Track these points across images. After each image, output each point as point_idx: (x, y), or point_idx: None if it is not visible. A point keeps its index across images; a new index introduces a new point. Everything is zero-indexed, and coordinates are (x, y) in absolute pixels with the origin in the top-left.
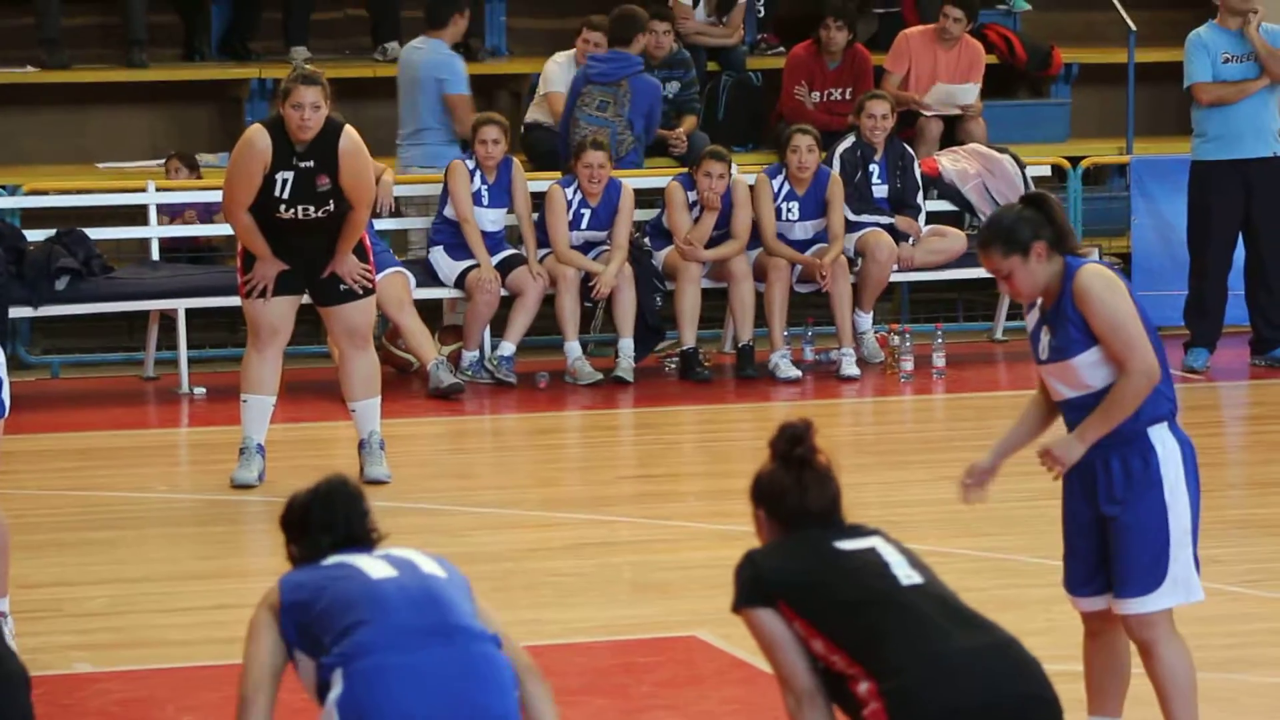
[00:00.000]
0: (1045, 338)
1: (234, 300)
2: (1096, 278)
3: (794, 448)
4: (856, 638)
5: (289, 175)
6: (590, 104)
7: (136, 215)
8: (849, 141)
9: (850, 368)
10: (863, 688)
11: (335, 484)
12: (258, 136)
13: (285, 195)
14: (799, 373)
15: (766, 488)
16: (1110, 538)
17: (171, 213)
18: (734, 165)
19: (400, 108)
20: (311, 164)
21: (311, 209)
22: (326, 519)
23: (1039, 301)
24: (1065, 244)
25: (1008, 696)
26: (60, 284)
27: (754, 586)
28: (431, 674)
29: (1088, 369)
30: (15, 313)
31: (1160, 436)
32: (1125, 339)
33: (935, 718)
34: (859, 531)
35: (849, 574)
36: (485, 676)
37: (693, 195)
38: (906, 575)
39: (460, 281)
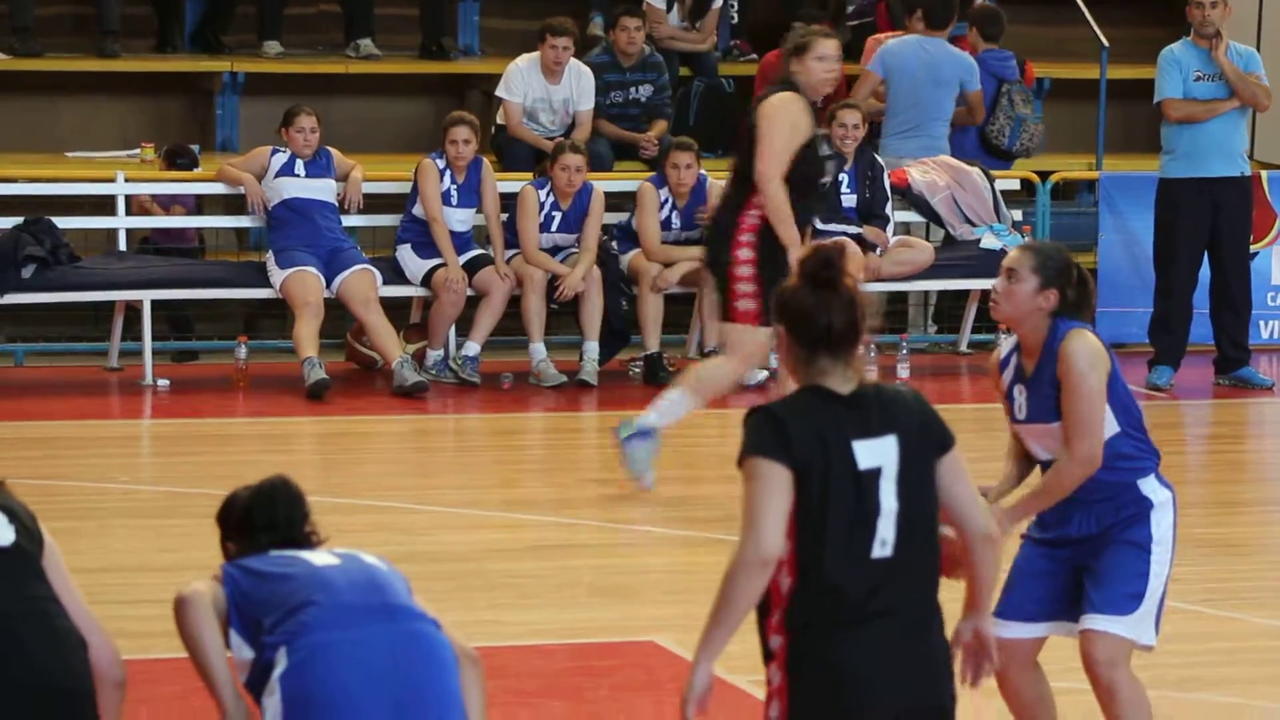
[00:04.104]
0: (1021, 397)
1: (197, 293)
2: (1083, 347)
3: (823, 270)
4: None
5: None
6: (1019, 100)
7: (105, 205)
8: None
9: None
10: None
11: (277, 484)
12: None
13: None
14: (764, 374)
15: (789, 304)
16: (1092, 559)
17: (163, 204)
18: (703, 171)
19: (892, 100)
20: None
21: None
22: (268, 518)
23: (1015, 360)
24: (1065, 312)
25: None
26: (26, 272)
27: (777, 442)
28: (374, 650)
29: None
30: None
31: (1151, 488)
32: (1080, 419)
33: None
34: (876, 428)
35: (834, 512)
36: (426, 654)
37: (664, 193)
38: (881, 544)
39: (427, 280)
